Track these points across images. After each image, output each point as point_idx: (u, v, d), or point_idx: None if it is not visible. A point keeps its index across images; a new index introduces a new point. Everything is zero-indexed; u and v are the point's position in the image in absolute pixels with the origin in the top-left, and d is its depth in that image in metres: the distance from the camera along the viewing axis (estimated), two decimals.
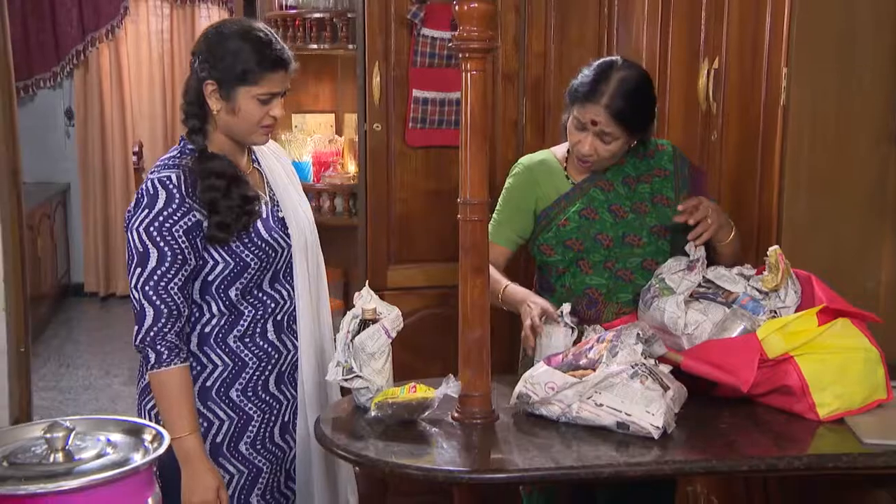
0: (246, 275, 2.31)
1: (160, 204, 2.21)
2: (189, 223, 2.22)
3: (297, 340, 2.43)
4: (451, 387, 2.20)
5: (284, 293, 2.41)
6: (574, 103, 2.58)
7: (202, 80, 2.26)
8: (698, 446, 2.14)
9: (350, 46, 3.70)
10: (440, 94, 3.52)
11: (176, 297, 2.21)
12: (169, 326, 2.20)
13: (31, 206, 6.24)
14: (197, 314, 2.32)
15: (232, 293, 2.32)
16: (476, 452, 2.12)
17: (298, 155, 3.97)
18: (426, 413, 2.21)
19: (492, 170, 3.63)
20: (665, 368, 2.24)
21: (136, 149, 7.50)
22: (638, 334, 2.27)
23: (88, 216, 7.72)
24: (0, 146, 4.58)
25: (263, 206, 2.37)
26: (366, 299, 2.33)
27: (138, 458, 1.28)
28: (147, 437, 1.33)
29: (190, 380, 2.25)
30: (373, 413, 2.19)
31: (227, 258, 2.29)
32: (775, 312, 2.36)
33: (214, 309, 2.32)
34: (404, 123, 3.56)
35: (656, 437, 2.09)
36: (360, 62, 3.54)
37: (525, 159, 2.81)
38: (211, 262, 2.28)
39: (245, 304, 2.34)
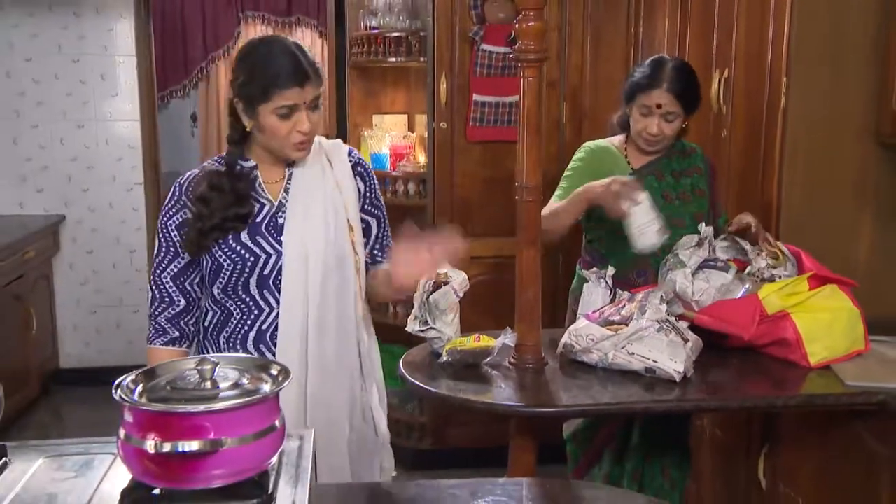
0: (223, 275, 1.90)
1: (167, 199, 1.95)
2: (180, 219, 1.92)
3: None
4: (508, 337, 2.19)
5: (273, 301, 1.92)
6: (637, 94, 2.50)
7: (232, 99, 1.91)
8: (711, 387, 2.11)
9: (422, 59, 3.67)
10: (496, 98, 3.49)
11: (167, 286, 1.93)
12: (159, 311, 1.93)
13: (164, 191, 6.32)
14: (204, 307, 1.99)
15: (215, 290, 1.93)
16: (529, 391, 2.10)
17: (378, 148, 3.97)
18: (488, 359, 2.20)
19: None
20: (683, 324, 2.21)
21: None
22: (661, 296, 2.25)
23: None
24: (145, 144, 4.69)
25: (262, 210, 1.93)
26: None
27: (267, 388, 1.28)
28: (274, 371, 1.33)
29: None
30: (444, 358, 2.18)
31: (207, 257, 1.91)
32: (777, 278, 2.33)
33: (210, 303, 1.96)
34: (465, 122, 3.53)
35: (678, 380, 2.07)
36: (429, 72, 3.52)
37: (591, 143, 2.66)
38: (203, 258, 1.93)
39: (231, 303, 1.93)
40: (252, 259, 1.89)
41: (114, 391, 1.26)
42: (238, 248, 1.89)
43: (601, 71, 3.59)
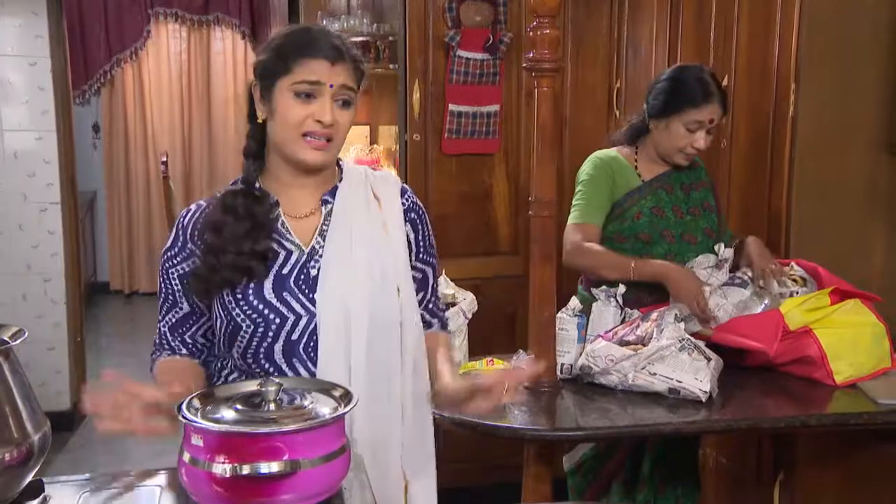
0: (240, 338, 1.67)
1: (168, 242, 1.74)
2: (185, 269, 1.71)
3: None
4: (522, 360, 2.33)
5: (305, 374, 1.66)
6: (687, 109, 2.60)
7: (251, 85, 1.71)
8: (737, 407, 2.27)
9: (391, 66, 3.79)
10: (473, 108, 3.62)
11: (166, 336, 1.76)
12: (157, 354, 1.78)
13: (80, 211, 6.24)
14: (230, 368, 1.76)
15: (234, 353, 1.70)
16: (547, 415, 2.24)
17: None
18: None
19: (517, 172, 3.78)
20: (701, 342, 2.38)
21: (164, 159, 7.54)
22: (676, 314, 2.42)
23: (114, 220, 7.75)
24: (62, 158, 4.66)
25: (289, 259, 1.69)
26: (445, 286, 2.45)
27: (328, 412, 1.37)
28: (336, 394, 1.43)
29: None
30: None
31: (221, 313, 1.68)
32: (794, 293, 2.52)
33: (233, 367, 1.74)
34: (440, 134, 3.64)
35: (704, 400, 2.22)
36: (401, 80, 3.62)
37: (600, 153, 2.78)
38: (215, 314, 1.70)
39: (256, 369, 1.68)
40: (277, 320, 1.65)
41: (176, 413, 1.34)
42: (258, 304, 1.65)
43: (582, 77, 3.76)
